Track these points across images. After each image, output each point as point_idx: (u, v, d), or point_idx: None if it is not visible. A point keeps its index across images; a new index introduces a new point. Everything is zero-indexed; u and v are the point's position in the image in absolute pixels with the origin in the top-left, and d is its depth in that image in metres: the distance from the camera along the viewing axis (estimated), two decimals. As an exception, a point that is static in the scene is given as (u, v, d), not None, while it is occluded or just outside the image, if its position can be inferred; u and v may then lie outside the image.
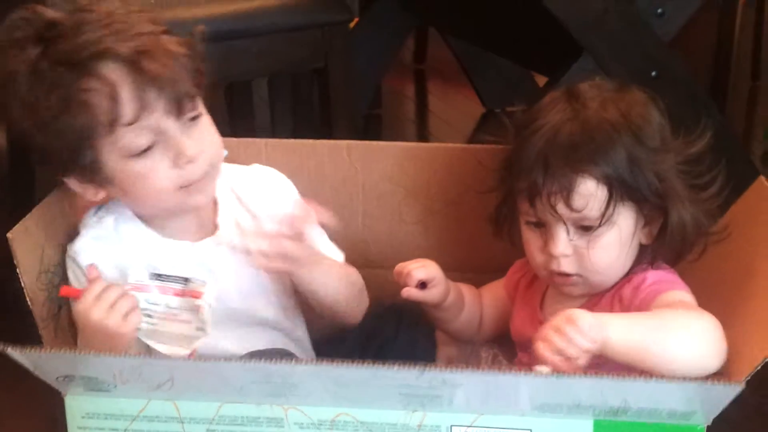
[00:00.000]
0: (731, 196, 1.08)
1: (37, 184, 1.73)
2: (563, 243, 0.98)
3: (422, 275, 1.07)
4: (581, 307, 1.02)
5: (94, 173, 0.95)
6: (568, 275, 1.00)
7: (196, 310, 0.96)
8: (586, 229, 0.98)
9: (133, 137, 0.93)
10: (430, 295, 1.08)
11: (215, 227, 1.04)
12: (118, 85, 0.91)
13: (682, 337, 0.90)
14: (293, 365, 0.84)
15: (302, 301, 1.08)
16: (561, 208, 0.97)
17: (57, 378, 0.88)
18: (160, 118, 0.94)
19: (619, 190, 0.96)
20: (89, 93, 0.91)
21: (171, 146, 0.95)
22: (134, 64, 0.91)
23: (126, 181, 0.96)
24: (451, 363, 1.16)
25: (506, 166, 1.03)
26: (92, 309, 0.93)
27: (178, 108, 0.94)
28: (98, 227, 1.02)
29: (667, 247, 1.00)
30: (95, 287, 0.94)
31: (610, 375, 0.81)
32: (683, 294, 0.99)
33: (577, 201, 0.96)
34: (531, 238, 1.01)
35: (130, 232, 1.02)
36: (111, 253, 1.00)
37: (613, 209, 0.96)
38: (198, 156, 0.96)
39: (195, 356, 0.95)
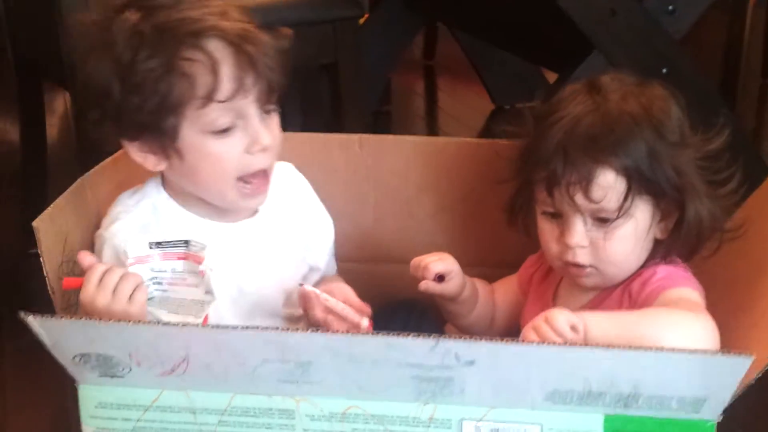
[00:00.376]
0: (742, 193, 1.09)
1: (49, 180, 1.75)
2: (579, 234, 0.98)
3: (440, 268, 1.07)
4: (592, 300, 1.03)
5: (169, 141, 0.95)
6: (582, 266, 1.00)
7: (199, 275, 0.96)
8: (603, 220, 0.98)
9: (218, 115, 0.95)
10: (447, 288, 1.08)
11: (254, 211, 1.05)
12: (221, 62, 0.93)
13: (666, 339, 0.88)
14: (309, 334, 0.83)
15: None
16: (579, 198, 0.97)
17: (73, 358, 0.88)
18: (248, 103, 0.95)
19: (638, 183, 0.97)
20: (193, 64, 0.92)
21: (249, 132, 0.96)
22: (237, 45, 0.93)
23: (196, 157, 0.96)
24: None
25: (524, 156, 1.03)
26: (96, 297, 0.92)
27: (267, 97, 0.96)
28: (136, 210, 1.01)
29: (682, 242, 1.00)
30: (94, 274, 0.92)
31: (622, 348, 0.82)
32: (690, 292, 0.98)
33: (596, 192, 0.96)
34: (547, 229, 1.02)
35: (169, 215, 1.01)
36: (150, 236, 0.99)
37: (631, 202, 0.97)
38: (270, 147, 0.98)
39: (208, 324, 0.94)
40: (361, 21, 1.87)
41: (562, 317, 0.88)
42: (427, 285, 1.07)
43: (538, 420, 0.87)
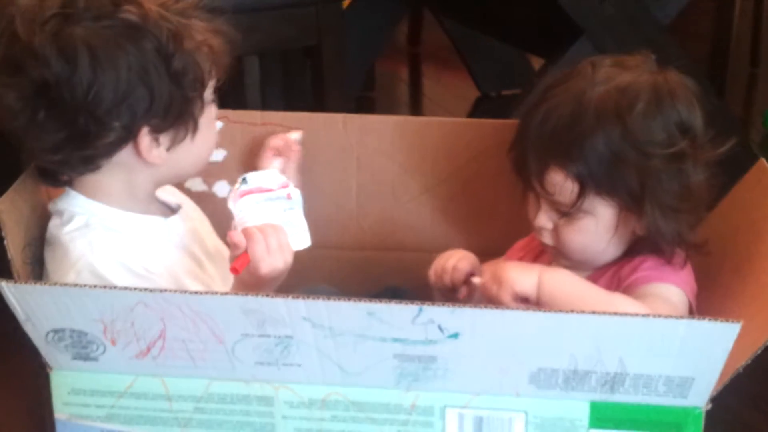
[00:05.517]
0: (730, 180, 1.07)
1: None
2: (541, 217, 0.99)
3: (469, 267, 1.03)
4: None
5: (196, 116, 0.99)
6: (549, 246, 1.00)
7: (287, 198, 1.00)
8: (560, 211, 0.97)
9: (211, 86, 1.02)
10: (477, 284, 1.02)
11: (176, 206, 1.07)
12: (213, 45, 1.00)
13: None
14: (290, 300, 0.81)
15: None
16: (537, 187, 0.97)
17: (47, 335, 0.86)
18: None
19: (594, 187, 0.94)
20: (203, 42, 0.99)
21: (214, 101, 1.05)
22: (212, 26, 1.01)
23: (206, 126, 1.01)
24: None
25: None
26: (276, 260, 0.93)
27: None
28: (99, 225, 0.98)
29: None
30: (256, 242, 0.93)
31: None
32: (672, 289, 0.96)
33: (548, 186, 0.96)
34: (529, 204, 1.02)
35: (121, 221, 1.00)
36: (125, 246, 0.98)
37: (583, 202, 0.95)
38: None
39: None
40: (345, 4, 1.85)
41: (509, 276, 0.90)
42: (471, 290, 1.02)
43: (523, 407, 0.86)
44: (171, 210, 1.06)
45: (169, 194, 1.08)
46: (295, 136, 1.14)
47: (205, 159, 1.04)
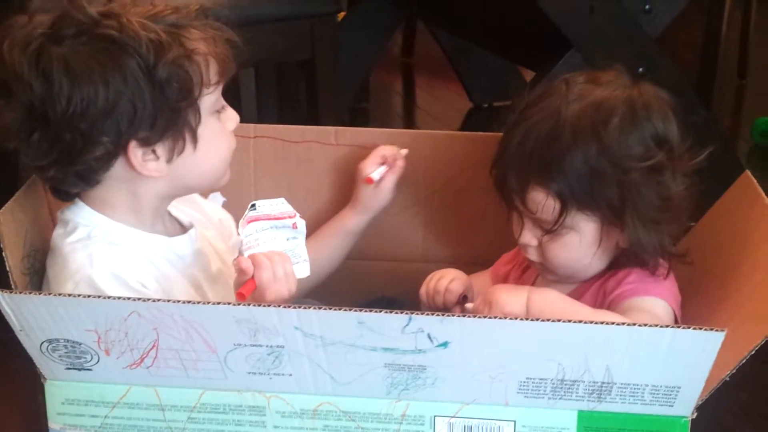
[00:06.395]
0: (717, 191, 1.08)
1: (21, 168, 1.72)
2: (525, 235, 0.99)
3: (461, 288, 1.04)
4: (569, 294, 1.02)
5: (193, 128, 0.97)
6: (534, 262, 1.01)
7: (293, 228, 1.01)
8: (544, 228, 0.98)
9: (216, 95, 0.99)
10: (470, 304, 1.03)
11: (188, 224, 1.06)
12: (209, 53, 0.98)
13: None
14: (280, 309, 0.82)
15: None
16: (519, 206, 0.98)
17: (41, 345, 0.87)
18: (220, 87, 1.01)
19: (575, 203, 0.95)
20: (198, 49, 0.96)
21: (227, 111, 1.02)
22: (215, 31, 0.99)
23: (210, 138, 0.99)
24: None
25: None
26: (281, 287, 0.94)
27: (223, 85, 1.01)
28: (100, 238, 0.98)
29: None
30: (264, 269, 0.93)
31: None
32: (658, 302, 0.97)
33: (530, 205, 0.97)
34: (513, 222, 1.02)
35: (122, 236, 0.99)
36: (128, 261, 0.98)
37: (565, 218, 0.95)
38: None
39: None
40: (340, 17, 1.87)
41: (499, 299, 0.91)
42: (462, 312, 1.01)
43: (512, 416, 0.87)
44: (182, 228, 1.05)
45: (186, 210, 1.07)
46: (404, 151, 1.16)
47: (217, 170, 1.01)
